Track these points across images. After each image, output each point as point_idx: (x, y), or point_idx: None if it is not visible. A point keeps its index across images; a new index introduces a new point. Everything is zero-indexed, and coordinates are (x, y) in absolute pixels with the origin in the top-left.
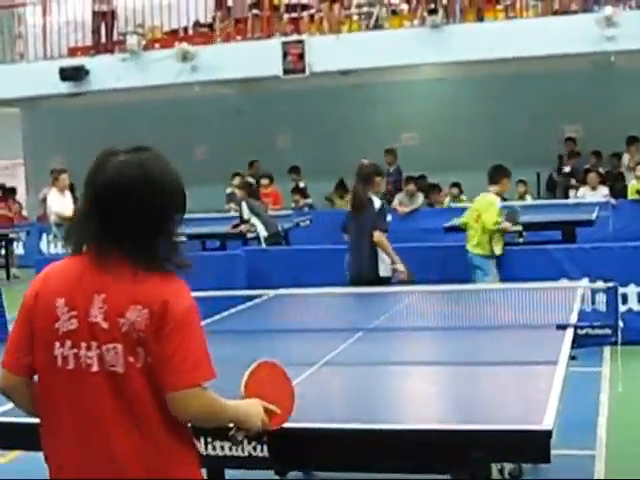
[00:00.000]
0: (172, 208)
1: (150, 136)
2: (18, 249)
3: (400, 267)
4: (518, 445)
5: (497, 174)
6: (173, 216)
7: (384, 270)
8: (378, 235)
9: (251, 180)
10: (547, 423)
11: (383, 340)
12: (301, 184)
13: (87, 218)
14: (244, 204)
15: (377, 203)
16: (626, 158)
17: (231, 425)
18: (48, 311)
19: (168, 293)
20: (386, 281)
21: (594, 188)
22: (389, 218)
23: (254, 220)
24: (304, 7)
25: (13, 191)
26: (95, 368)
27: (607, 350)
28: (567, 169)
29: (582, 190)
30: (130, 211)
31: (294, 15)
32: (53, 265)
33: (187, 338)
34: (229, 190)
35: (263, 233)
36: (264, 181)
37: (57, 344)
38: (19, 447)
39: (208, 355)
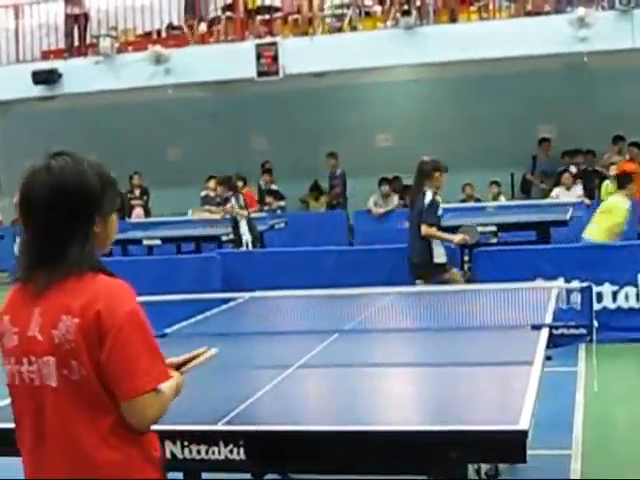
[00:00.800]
0: (90, 209)
1: (124, 139)
2: None
3: (457, 239)
4: (494, 445)
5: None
6: (90, 224)
7: (438, 257)
8: (425, 228)
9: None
10: (523, 423)
11: (359, 341)
12: (274, 186)
13: (24, 243)
14: (234, 200)
15: (428, 198)
16: (609, 157)
17: None
18: (1, 330)
19: (103, 300)
20: (441, 266)
21: (568, 188)
22: (439, 212)
23: (242, 222)
24: (277, 9)
25: None
26: (37, 382)
27: (582, 349)
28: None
29: (556, 190)
30: (43, 217)
31: (267, 17)
32: (13, 288)
33: (131, 344)
34: (203, 193)
35: (247, 236)
36: (238, 183)
37: (6, 361)
38: None
39: (159, 356)
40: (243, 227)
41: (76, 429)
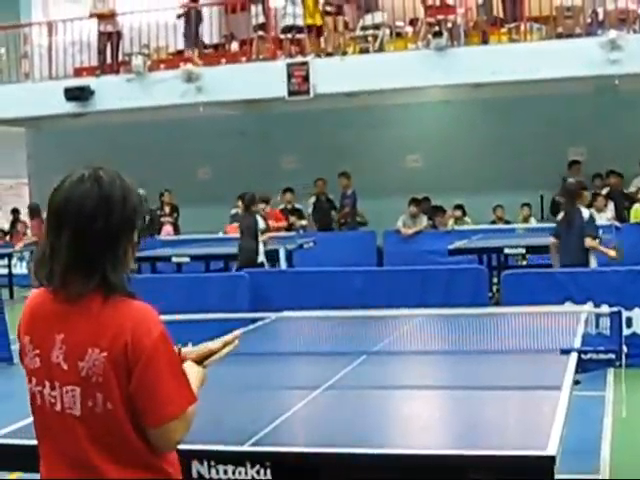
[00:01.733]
0: (129, 228)
1: (154, 157)
2: (22, 268)
3: (612, 253)
4: (522, 470)
5: None
6: (127, 239)
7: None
8: (589, 241)
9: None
10: (551, 449)
11: (387, 363)
12: (296, 205)
13: (45, 246)
14: (259, 217)
15: (586, 213)
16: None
17: None
18: (22, 347)
19: (130, 329)
20: None
21: (599, 211)
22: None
23: (260, 239)
24: (309, 29)
25: (16, 211)
26: (58, 407)
27: (611, 373)
28: None
29: (586, 213)
30: (83, 226)
31: (299, 37)
32: (30, 297)
33: (158, 372)
34: (233, 211)
35: (262, 257)
36: (262, 205)
37: (27, 379)
38: (18, 469)
39: (184, 380)
40: (261, 246)
41: (95, 457)
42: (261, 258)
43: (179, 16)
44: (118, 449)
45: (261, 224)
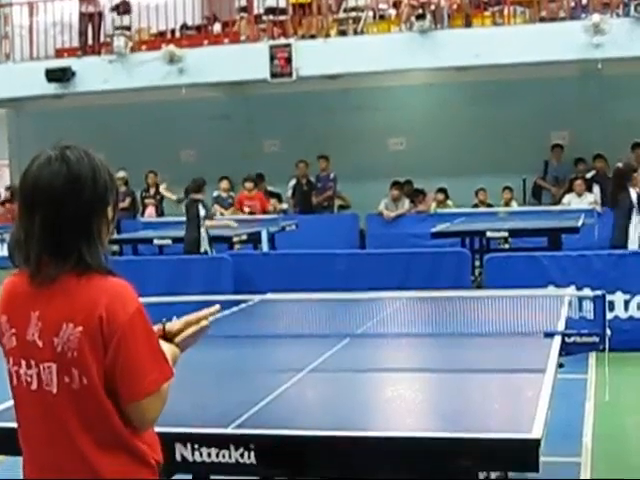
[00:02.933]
0: (102, 206)
1: (136, 138)
2: (2, 250)
3: None
4: (507, 454)
5: None
6: (100, 217)
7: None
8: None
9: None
10: (536, 432)
11: (370, 346)
12: (270, 188)
13: (19, 230)
14: (201, 205)
15: (634, 195)
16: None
17: None
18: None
19: (104, 304)
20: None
21: (580, 195)
22: None
23: (203, 229)
24: (294, 9)
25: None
26: (34, 386)
27: (592, 357)
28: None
29: (568, 197)
30: (55, 209)
31: (281, 19)
32: (8, 278)
33: (134, 347)
34: (215, 193)
35: (205, 245)
36: (248, 184)
37: (5, 360)
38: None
39: (161, 356)
40: (203, 234)
41: (74, 434)
42: (204, 247)
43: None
44: (97, 427)
45: (202, 212)
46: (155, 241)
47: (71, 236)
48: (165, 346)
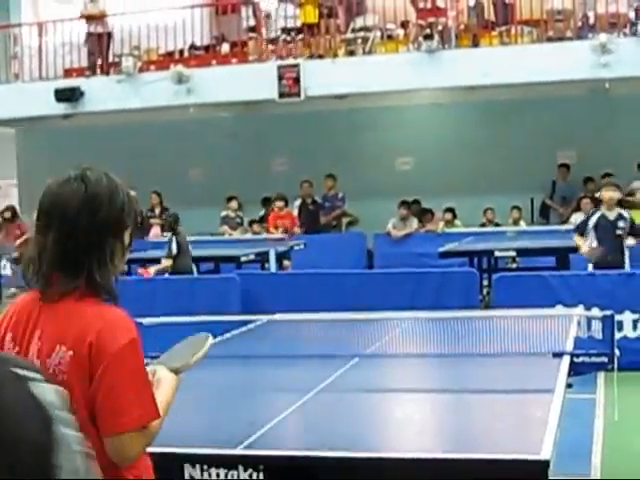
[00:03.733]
0: (117, 228)
1: (145, 158)
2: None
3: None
4: (515, 475)
5: None
6: (115, 239)
7: None
8: None
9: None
10: (545, 453)
11: (379, 366)
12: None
13: (34, 247)
14: (174, 245)
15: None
16: (638, 184)
17: None
18: (1, 345)
19: (96, 331)
20: None
21: (587, 213)
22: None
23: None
24: (299, 31)
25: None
26: None
27: (601, 376)
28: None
29: (575, 216)
30: (69, 226)
31: (289, 38)
32: (20, 297)
33: (119, 380)
34: (223, 213)
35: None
36: (279, 203)
37: None
38: None
39: (148, 394)
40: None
41: None
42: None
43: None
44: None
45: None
46: (162, 261)
47: (83, 254)
48: (163, 371)
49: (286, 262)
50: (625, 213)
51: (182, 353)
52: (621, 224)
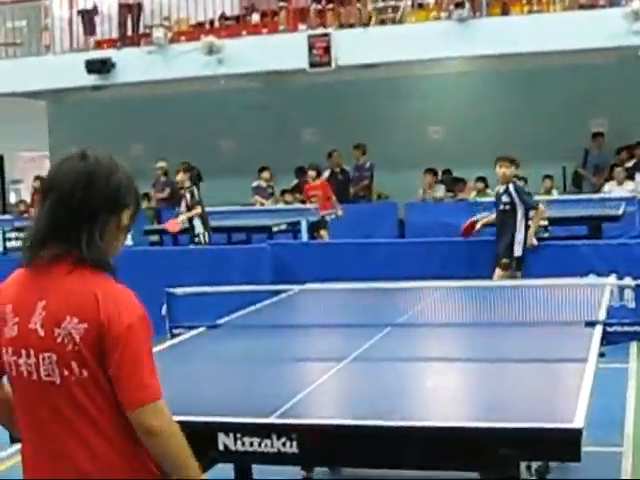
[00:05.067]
0: (112, 207)
1: (176, 129)
2: None
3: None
4: (548, 443)
5: None
6: (109, 215)
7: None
8: None
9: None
10: (578, 422)
11: (411, 336)
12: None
13: (34, 220)
14: (188, 196)
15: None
16: None
17: None
18: (2, 316)
19: (112, 307)
20: None
21: (620, 183)
22: None
23: (195, 218)
24: (329, 0)
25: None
26: (34, 377)
27: (634, 346)
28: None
29: (608, 185)
30: (64, 197)
31: (320, 7)
32: (17, 271)
33: (139, 354)
34: (255, 184)
35: (199, 229)
36: (312, 173)
37: (4, 350)
38: None
39: (155, 371)
40: (196, 222)
41: (78, 427)
42: (198, 230)
43: None
44: (100, 417)
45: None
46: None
47: (73, 225)
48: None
49: (323, 232)
50: (511, 186)
51: None
52: (505, 198)
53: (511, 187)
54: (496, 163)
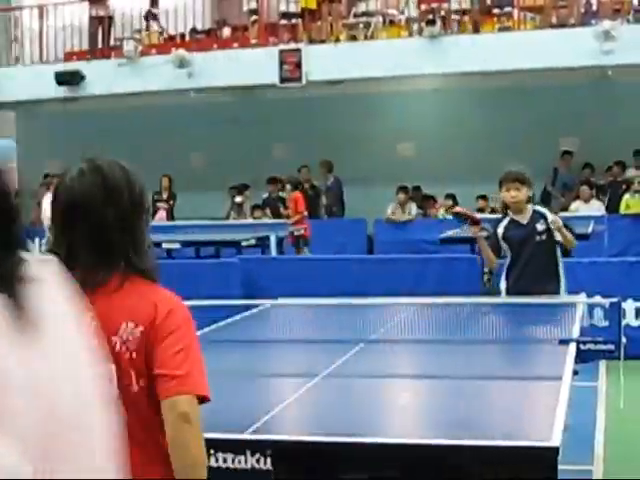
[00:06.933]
0: (141, 210)
1: (146, 142)
2: None
3: None
4: (524, 462)
5: None
6: (140, 220)
7: None
8: None
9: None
10: (554, 440)
11: (385, 352)
12: (283, 194)
13: (61, 246)
14: None
15: None
16: (632, 171)
17: None
18: None
19: (166, 308)
20: None
21: (587, 201)
22: None
23: None
24: (300, 16)
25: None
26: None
27: (603, 364)
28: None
29: (575, 204)
30: (98, 218)
31: (291, 23)
32: None
33: (188, 345)
34: (239, 199)
35: None
36: (287, 187)
37: None
38: None
39: (204, 372)
40: None
41: (137, 441)
42: None
43: None
44: (150, 436)
45: None
46: (164, 245)
47: (117, 242)
48: None
49: (305, 249)
50: (542, 210)
51: None
52: (540, 227)
53: (543, 211)
54: (501, 186)
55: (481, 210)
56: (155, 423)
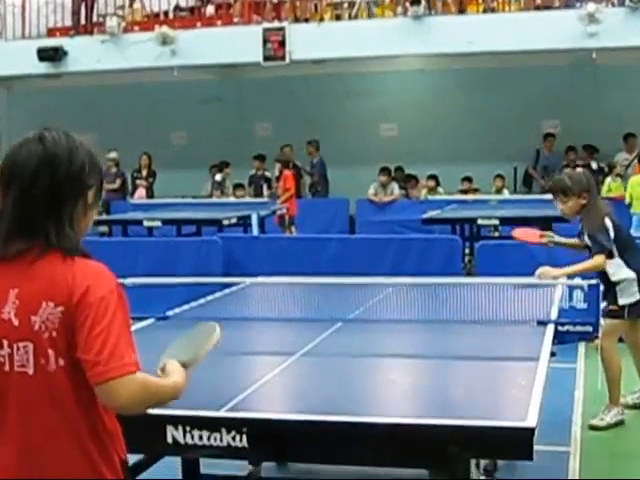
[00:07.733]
0: (78, 187)
1: (128, 119)
2: None
3: None
4: (500, 442)
5: None
6: (75, 200)
7: None
8: None
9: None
10: (530, 420)
11: (363, 331)
12: (267, 174)
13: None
14: None
15: None
16: (622, 156)
17: None
18: None
19: (83, 285)
20: None
21: None
22: None
23: None
24: None
25: None
26: (7, 367)
27: (582, 346)
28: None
29: None
30: (27, 186)
31: (276, 1)
32: None
33: (107, 326)
34: (218, 177)
35: None
36: (278, 165)
37: None
38: None
39: (133, 343)
40: None
41: (50, 417)
42: None
43: None
44: (73, 412)
45: None
46: (145, 222)
47: (39, 215)
48: (173, 365)
49: (292, 227)
50: None
51: (190, 344)
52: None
53: None
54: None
55: (465, 192)
56: (74, 402)
